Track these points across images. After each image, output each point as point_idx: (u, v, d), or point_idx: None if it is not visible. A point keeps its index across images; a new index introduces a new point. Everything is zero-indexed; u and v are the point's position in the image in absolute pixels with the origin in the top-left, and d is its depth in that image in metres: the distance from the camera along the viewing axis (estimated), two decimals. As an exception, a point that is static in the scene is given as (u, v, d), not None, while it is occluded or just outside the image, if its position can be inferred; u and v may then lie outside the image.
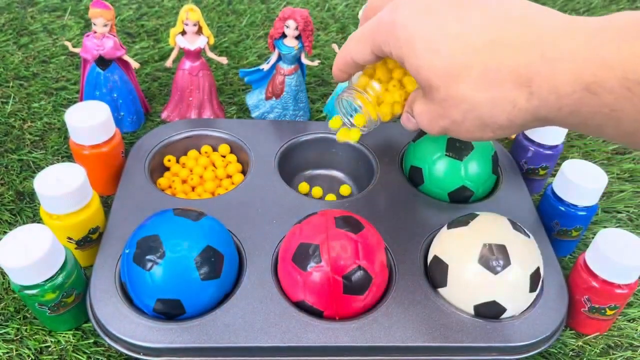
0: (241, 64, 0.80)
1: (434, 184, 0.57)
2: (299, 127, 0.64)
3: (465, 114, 0.34)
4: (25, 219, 0.57)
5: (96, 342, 0.47)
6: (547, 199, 0.56)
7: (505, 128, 0.34)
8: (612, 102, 0.29)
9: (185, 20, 0.61)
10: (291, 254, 0.45)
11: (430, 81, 0.35)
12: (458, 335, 0.45)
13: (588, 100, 0.29)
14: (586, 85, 0.29)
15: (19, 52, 0.79)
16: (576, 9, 1.00)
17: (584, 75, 0.29)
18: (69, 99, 0.71)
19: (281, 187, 0.57)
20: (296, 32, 0.61)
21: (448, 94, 0.34)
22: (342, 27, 0.89)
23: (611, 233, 0.47)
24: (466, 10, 0.34)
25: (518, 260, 0.45)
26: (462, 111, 0.34)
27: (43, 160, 0.63)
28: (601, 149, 0.72)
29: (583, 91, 0.29)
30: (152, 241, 0.44)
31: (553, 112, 0.31)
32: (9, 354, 0.46)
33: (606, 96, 0.29)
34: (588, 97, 0.29)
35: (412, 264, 0.50)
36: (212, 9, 0.91)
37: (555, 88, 0.30)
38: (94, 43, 0.62)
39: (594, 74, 0.29)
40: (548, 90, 0.31)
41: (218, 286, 0.45)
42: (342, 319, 0.45)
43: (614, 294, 0.47)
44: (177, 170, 0.61)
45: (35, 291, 0.43)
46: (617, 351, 0.50)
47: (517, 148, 0.62)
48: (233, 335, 0.44)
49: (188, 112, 0.68)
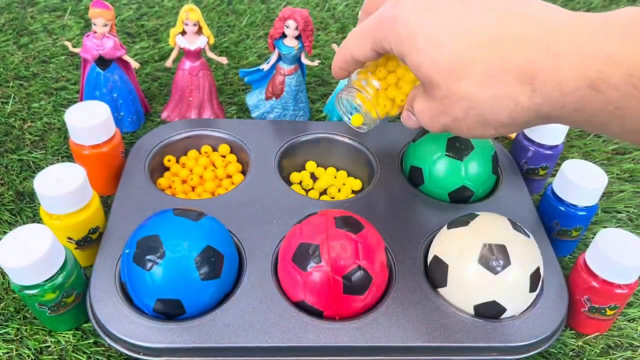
0: (241, 64, 0.80)
1: (434, 184, 0.57)
2: (299, 127, 0.64)
3: (467, 111, 0.34)
4: (25, 219, 0.57)
5: (96, 342, 0.47)
6: (547, 199, 0.56)
7: (507, 126, 0.34)
8: (617, 99, 0.28)
9: (185, 20, 0.61)
10: (291, 254, 0.45)
11: (431, 78, 0.34)
12: (458, 335, 0.45)
13: (592, 98, 0.29)
14: (590, 82, 0.29)
15: (19, 52, 0.79)
16: (576, 8, 1.00)
17: (589, 72, 0.28)
18: (69, 99, 0.71)
19: (281, 187, 0.57)
20: (296, 32, 0.61)
21: (449, 91, 0.34)
22: (342, 27, 0.89)
23: (611, 233, 0.47)
24: (468, 6, 0.33)
25: (518, 260, 0.45)
26: (463, 108, 0.34)
27: (43, 160, 0.63)
28: (601, 149, 0.72)
29: (587, 88, 0.29)
30: (152, 241, 0.44)
31: (556, 110, 0.31)
32: (9, 354, 0.46)
33: (611, 93, 0.28)
34: (592, 94, 0.29)
35: (412, 264, 0.50)
36: (212, 9, 0.91)
37: (559, 85, 0.30)
38: (94, 43, 0.62)
39: (599, 70, 0.28)
40: (552, 87, 0.30)
41: (218, 286, 0.45)
42: (342, 319, 0.45)
43: (614, 294, 0.47)
44: (177, 170, 0.61)
45: (35, 291, 0.43)
46: (617, 351, 0.50)
47: (517, 148, 0.62)
48: (233, 335, 0.44)
49: (188, 112, 0.68)
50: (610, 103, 0.28)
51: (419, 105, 0.38)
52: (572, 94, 0.29)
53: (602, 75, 0.28)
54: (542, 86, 0.31)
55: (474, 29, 0.32)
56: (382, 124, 0.66)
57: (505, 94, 0.32)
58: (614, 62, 0.28)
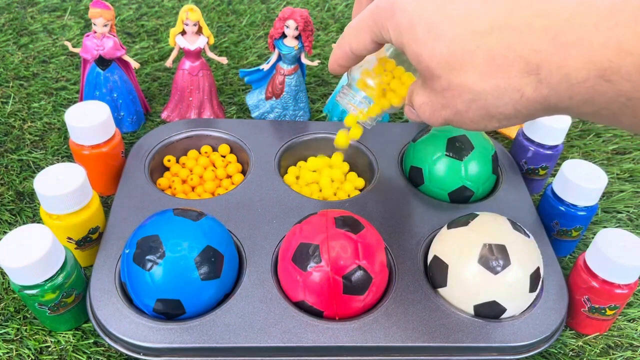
0: (241, 64, 0.80)
1: (434, 184, 0.57)
2: (299, 127, 0.64)
3: (469, 104, 0.33)
4: (25, 219, 0.57)
5: (96, 342, 0.47)
6: (547, 199, 0.56)
7: (512, 118, 0.32)
8: (629, 90, 0.27)
9: (185, 20, 0.61)
10: (291, 254, 0.45)
11: (432, 69, 0.33)
12: (458, 335, 0.45)
13: (602, 89, 0.27)
14: (600, 72, 0.27)
15: (19, 52, 0.79)
16: None
17: (598, 61, 0.27)
18: (69, 99, 0.71)
19: (281, 187, 0.57)
20: (296, 32, 0.61)
21: (450, 83, 0.32)
22: (342, 27, 0.89)
23: (611, 233, 0.47)
24: None
25: (518, 260, 0.45)
26: (465, 101, 0.33)
27: (43, 160, 0.63)
28: (601, 149, 0.72)
29: (597, 78, 0.27)
30: (152, 241, 0.44)
31: (564, 101, 0.29)
32: (9, 354, 0.46)
33: (623, 84, 0.27)
34: (603, 84, 0.27)
35: (412, 264, 0.50)
36: (212, 9, 0.91)
37: (567, 75, 0.28)
38: (94, 43, 0.62)
39: (610, 59, 0.26)
40: (559, 78, 0.29)
41: (218, 286, 0.45)
42: (342, 319, 0.45)
43: (614, 294, 0.47)
44: (177, 170, 0.61)
45: (35, 291, 0.43)
46: (617, 351, 0.50)
47: (517, 148, 0.62)
48: (233, 335, 0.44)
49: (188, 112, 0.68)
50: (622, 94, 0.27)
51: (419, 99, 0.36)
52: (581, 85, 0.28)
53: (613, 65, 0.26)
54: (548, 77, 0.29)
55: (476, 17, 0.31)
56: (382, 124, 0.66)
57: (509, 85, 0.30)
58: (625, 50, 0.26)
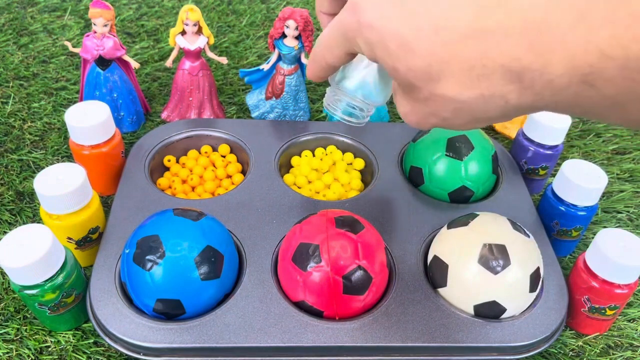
0: (241, 64, 0.80)
1: (434, 184, 0.57)
2: (299, 127, 0.64)
3: (455, 113, 0.32)
4: (25, 219, 0.57)
5: (96, 342, 0.47)
6: (547, 199, 0.56)
7: (501, 118, 0.32)
8: (614, 94, 0.25)
9: (185, 20, 0.61)
10: (291, 254, 0.45)
11: (411, 82, 0.31)
12: (458, 335, 0.45)
13: (587, 93, 0.26)
14: (583, 78, 0.26)
15: (19, 52, 0.79)
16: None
17: (580, 67, 0.25)
18: (69, 99, 0.71)
19: (281, 187, 0.57)
20: (296, 32, 0.61)
21: (432, 93, 0.31)
22: (342, 27, 0.89)
23: (611, 233, 0.47)
24: None
25: (518, 260, 0.45)
26: (450, 110, 0.32)
27: (43, 160, 0.63)
28: (601, 149, 0.71)
29: (580, 84, 0.26)
30: (152, 241, 0.44)
31: (551, 105, 0.29)
32: (9, 354, 0.46)
33: (607, 88, 0.25)
34: (586, 89, 0.26)
35: (412, 264, 0.50)
36: (212, 9, 0.91)
37: (549, 83, 0.27)
38: (94, 43, 0.62)
39: (590, 64, 0.25)
40: (542, 85, 0.27)
41: (218, 286, 0.45)
42: (342, 319, 0.45)
43: (613, 294, 0.47)
44: (177, 170, 0.61)
45: (35, 291, 0.43)
46: (617, 351, 0.50)
47: (517, 148, 0.62)
48: (233, 335, 0.44)
49: (188, 112, 0.68)
50: (607, 98, 0.26)
51: (402, 109, 0.35)
52: (565, 91, 0.27)
53: (595, 70, 0.25)
54: (531, 85, 0.28)
55: (447, 25, 0.29)
56: (382, 124, 0.66)
57: (494, 94, 0.29)
58: (605, 56, 0.24)
